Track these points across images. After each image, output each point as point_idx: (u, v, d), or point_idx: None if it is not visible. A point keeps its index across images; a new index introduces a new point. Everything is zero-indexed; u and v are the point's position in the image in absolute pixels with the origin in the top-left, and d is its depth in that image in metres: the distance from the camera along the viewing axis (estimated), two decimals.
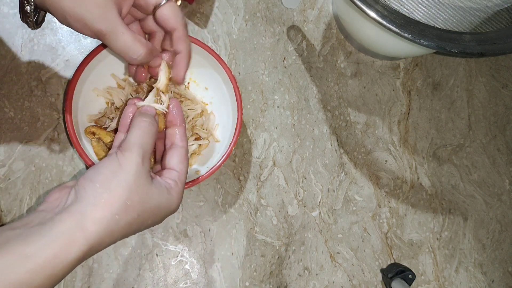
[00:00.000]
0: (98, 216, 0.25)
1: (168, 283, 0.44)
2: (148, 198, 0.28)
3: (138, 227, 0.28)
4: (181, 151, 0.33)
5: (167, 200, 0.29)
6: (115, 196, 0.26)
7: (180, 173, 0.31)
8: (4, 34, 0.46)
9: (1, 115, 0.44)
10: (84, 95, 0.41)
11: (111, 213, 0.26)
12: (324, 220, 0.48)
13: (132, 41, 0.30)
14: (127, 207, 0.26)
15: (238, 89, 0.42)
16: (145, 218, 0.28)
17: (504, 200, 0.54)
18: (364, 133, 0.52)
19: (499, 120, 0.56)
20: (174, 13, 0.32)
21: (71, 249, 0.24)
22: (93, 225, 0.25)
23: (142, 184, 0.27)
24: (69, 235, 0.24)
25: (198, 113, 0.45)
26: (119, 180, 0.27)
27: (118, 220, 0.26)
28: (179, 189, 0.31)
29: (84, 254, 0.25)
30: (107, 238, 0.26)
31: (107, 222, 0.25)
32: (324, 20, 0.55)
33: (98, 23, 0.29)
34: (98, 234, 0.25)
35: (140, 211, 0.27)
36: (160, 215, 0.29)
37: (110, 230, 0.26)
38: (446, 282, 0.50)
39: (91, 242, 0.25)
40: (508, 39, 0.38)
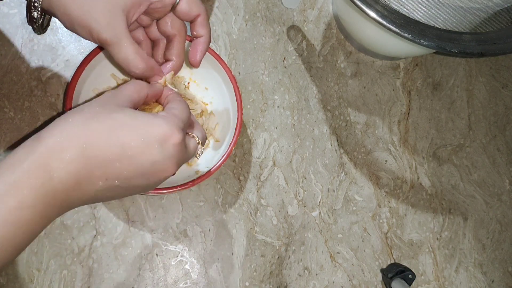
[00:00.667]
0: (52, 125, 0.24)
1: (168, 283, 0.44)
2: (116, 111, 0.26)
3: (108, 135, 0.25)
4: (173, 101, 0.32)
5: (146, 116, 0.26)
6: (73, 111, 0.26)
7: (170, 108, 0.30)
8: (4, 34, 0.46)
9: (1, 115, 0.44)
10: (84, 95, 0.41)
11: (65, 120, 0.25)
12: (324, 220, 0.48)
13: (134, 55, 0.31)
14: (83, 114, 0.25)
15: (238, 89, 0.42)
16: (113, 127, 0.25)
17: (504, 200, 0.54)
18: (364, 133, 0.52)
19: (499, 120, 0.56)
20: (194, 2, 0.32)
21: (27, 152, 0.23)
22: (45, 131, 0.24)
23: (109, 105, 0.26)
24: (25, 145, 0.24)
25: (198, 113, 0.45)
26: (81, 107, 0.26)
27: (73, 122, 0.24)
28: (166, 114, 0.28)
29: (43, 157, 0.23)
30: (66, 141, 0.24)
31: (61, 126, 0.24)
32: (324, 20, 0.55)
33: (104, 32, 0.29)
34: (52, 136, 0.24)
35: (102, 118, 0.25)
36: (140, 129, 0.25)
37: (66, 132, 0.24)
38: (446, 282, 0.50)
39: (45, 143, 0.23)
40: (508, 39, 0.38)
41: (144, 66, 0.32)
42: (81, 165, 0.24)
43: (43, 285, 0.41)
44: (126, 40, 0.30)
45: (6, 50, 0.46)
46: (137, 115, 0.26)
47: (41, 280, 0.42)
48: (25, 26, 0.46)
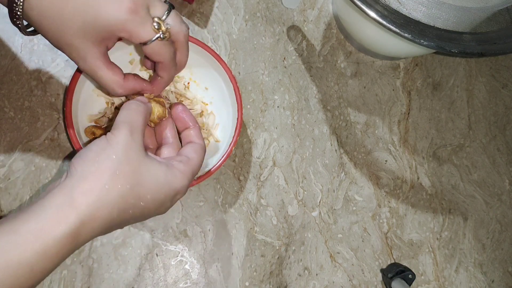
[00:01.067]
0: (87, 187, 0.25)
1: (168, 283, 0.44)
2: (142, 170, 0.27)
3: (136, 201, 0.27)
4: (196, 145, 0.33)
5: (166, 175, 0.28)
6: (103, 168, 0.26)
7: (190, 159, 0.31)
8: (4, 34, 0.46)
9: (1, 115, 0.44)
10: (84, 95, 0.41)
11: (100, 183, 0.25)
12: (324, 220, 0.48)
13: (110, 82, 0.32)
14: (117, 177, 0.26)
15: (238, 89, 0.42)
16: (141, 192, 0.27)
17: (504, 200, 0.54)
18: (364, 133, 0.52)
19: (499, 120, 0.56)
20: (160, 49, 0.31)
21: (60, 223, 0.23)
22: (81, 196, 0.24)
23: (133, 155, 0.27)
24: (58, 208, 0.24)
25: (198, 113, 0.45)
26: (107, 153, 0.26)
27: (108, 190, 0.25)
28: (184, 169, 0.30)
29: (76, 228, 0.24)
30: (100, 211, 0.25)
31: (97, 193, 0.25)
32: (324, 20, 0.55)
33: (77, 62, 0.30)
34: (88, 205, 0.24)
35: (133, 183, 0.26)
36: (161, 191, 0.28)
37: (101, 202, 0.25)
38: (446, 282, 0.50)
39: (82, 214, 0.24)
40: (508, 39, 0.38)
41: (122, 92, 0.33)
42: (105, 228, 0.26)
43: (43, 285, 0.41)
44: (100, 70, 0.31)
45: (6, 50, 0.46)
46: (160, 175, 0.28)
47: None
48: None
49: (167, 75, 0.35)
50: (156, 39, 0.30)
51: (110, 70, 0.31)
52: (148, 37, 0.30)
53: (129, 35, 0.29)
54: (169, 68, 0.34)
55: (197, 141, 0.34)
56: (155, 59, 0.32)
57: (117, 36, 0.30)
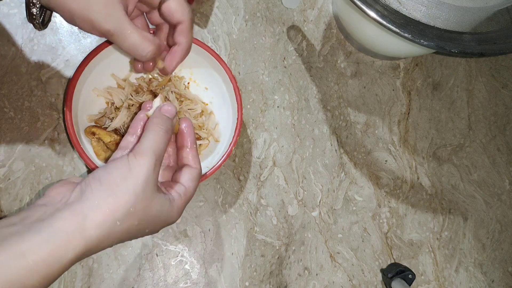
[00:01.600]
0: (100, 220, 0.25)
1: (168, 283, 0.44)
2: (151, 207, 0.27)
3: (135, 234, 0.28)
4: (194, 172, 0.32)
5: (168, 211, 0.29)
6: (120, 202, 0.25)
7: (187, 189, 0.31)
8: (4, 34, 0.46)
9: (1, 115, 0.44)
10: (84, 95, 0.41)
11: (114, 218, 0.25)
12: (324, 220, 0.48)
13: (141, 40, 0.31)
14: (129, 214, 0.26)
15: (238, 89, 0.42)
16: (144, 226, 0.28)
17: (504, 200, 0.54)
18: (364, 133, 0.52)
19: (499, 120, 0.56)
20: (181, 6, 0.32)
21: (68, 249, 0.24)
22: (93, 228, 0.24)
23: (148, 192, 0.27)
24: (68, 235, 0.24)
25: (198, 113, 0.45)
26: (127, 185, 0.26)
27: (119, 226, 0.26)
28: (181, 203, 0.30)
29: (80, 255, 0.24)
30: (105, 242, 0.25)
31: (108, 227, 0.25)
32: (324, 20, 0.55)
33: (105, 23, 0.29)
34: (97, 237, 0.25)
35: (141, 219, 0.27)
36: (158, 225, 0.29)
37: (109, 235, 0.25)
38: (446, 282, 0.50)
39: (89, 244, 0.24)
40: (508, 39, 0.38)
41: (154, 48, 0.31)
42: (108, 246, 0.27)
43: None
44: (129, 27, 0.30)
45: (6, 50, 0.46)
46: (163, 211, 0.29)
47: None
48: (25, 26, 0.46)
49: (186, 40, 0.34)
50: None
51: (138, 28, 0.31)
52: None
53: None
54: (188, 31, 0.33)
55: (194, 166, 0.33)
56: (175, 18, 0.32)
57: None
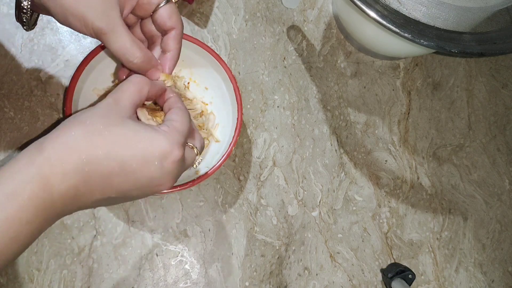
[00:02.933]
0: (54, 135, 0.25)
1: (168, 283, 0.44)
2: (118, 124, 0.26)
3: (108, 150, 0.25)
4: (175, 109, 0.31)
5: (148, 132, 0.26)
6: (75, 121, 0.25)
7: (172, 120, 0.29)
8: (4, 34, 0.46)
9: (1, 115, 0.44)
10: (84, 95, 0.41)
11: (67, 131, 0.25)
12: (324, 220, 0.48)
13: (131, 44, 0.30)
14: (85, 126, 0.25)
15: (238, 89, 0.42)
16: (115, 142, 0.25)
17: (504, 200, 0.54)
18: (364, 133, 0.52)
19: (499, 120, 0.56)
20: (174, 13, 0.33)
21: (27, 163, 0.23)
22: (47, 141, 0.24)
23: (112, 115, 0.26)
24: (26, 154, 0.24)
25: (198, 113, 0.45)
26: (85, 111, 0.26)
27: (75, 136, 0.25)
28: (168, 129, 0.28)
29: (44, 169, 0.23)
30: (67, 155, 0.24)
31: (63, 139, 0.24)
32: (324, 20, 0.55)
33: (99, 21, 0.29)
34: (53, 148, 0.24)
35: (104, 132, 0.25)
36: (140, 146, 0.26)
37: (68, 145, 0.24)
38: (446, 282, 0.50)
39: (47, 155, 0.24)
40: (508, 39, 0.38)
41: (142, 55, 0.31)
42: (80, 179, 0.24)
43: (43, 285, 0.41)
44: (122, 29, 0.30)
45: (6, 50, 0.46)
46: (139, 130, 0.26)
47: (41, 280, 0.42)
48: None
49: (178, 47, 0.34)
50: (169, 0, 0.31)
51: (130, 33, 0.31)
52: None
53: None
54: (179, 37, 0.34)
55: (174, 106, 0.32)
56: (168, 25, 0.33)
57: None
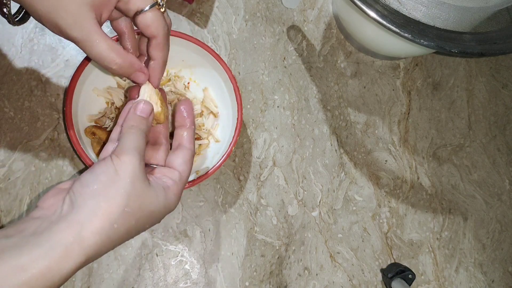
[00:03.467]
0: (97, 227, 0.24)
1: (168, 283, 0.44)
2: (146, 203, 0.27)
3: (136, 232, 0.28)
4: (187, 153, 0.32)
5: (164, 201, 0.29)
6: (113, 205, 0.25)
7: (182, 174, 0.31)
8: (4, 34, 0.46)
9: (1, 115, 0.44)
10: (84, 95, 0.41)
11: (110, 222, 0.25)
12: (324, 220, 0.48)
13: (108, 51, 0.29)
14: (125, 215, 0.26)
15: (238, 89, 0.42)
16: (143, 223, 0.27)
17: (504, 200, 0.54)
18: (364, 133, 0.52)
19: (499, 120, 0.56)
20: (156, 21, 0.30)
21: (67, 261, 0.23)
22: (91, 236, 0.24)
23: (140, 189, 0.27)
24: (66, 246, 0.23)
25: (198, 113, 0.45)
26: (117, 187, 0.26)
27: (117, 229, 0.25)
28: (178, 189, 0.30)
29: (81, 265, 0.24)
30: (105, 248, 0.25)
31: (106, 232, 0.25)
32: (324, 20, 0.55)
33: (72, 30, 0.28)
34: (96, 244, 0.24)
35: (138, 217, 0.27)
36: (158, 217, 0.29)
37: (109, 240, 0.25)
38: (446, 282, 0.50)
39: (89, 253, 0.24)
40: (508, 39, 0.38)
41: (121, 61, 0.30)
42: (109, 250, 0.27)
43: None
44: (97, 37, 0.29)
45: (6, 50, 0.46)
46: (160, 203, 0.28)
47: None
48: (25, 26, 0.46)
49: (161, 56, 0.33)
50: (153, 5, 0.29)
51: (107, 38, 0.30)
52: (145, 3, 0.29)
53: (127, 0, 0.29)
54: (164, 46, 0.32)
55: (187, 146, 0.33)
56: (149, 32, 0.31)
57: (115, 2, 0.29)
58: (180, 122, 0.34)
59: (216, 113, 0.46)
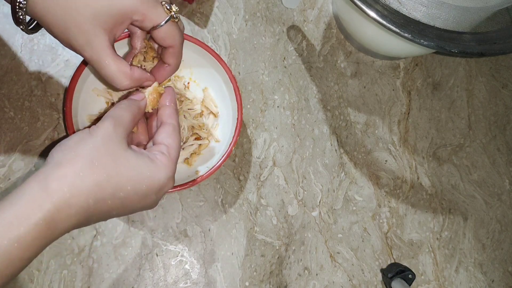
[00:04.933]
0: (61, 174, 0.25)
1: (168, 283, 0.44)
2: (121, 161, 0.27)
3: (114, 191, 0.27)
4: (169, 127, 0.32)
5: (149, 167, 0.28)
6: (79, 156, 0.26)
7: (168, 146, 0.31)
8: (4, 34, 0.46)
9: (1, 115, 0.44)
10: (84, 95, 0.41)
11: (74, 171, 0.25)
12: (324, 220, 0.48)
13: (117, 74, 0.31)
14: (92, 165, 0.26)
15: (238, 89, 0.42)
16: (120, 183, 0.27)
17: (504, 200, 0.54)
18: (364, 133, 0.52)
19: (499, 120, 0.56)
20: (172, 32, 0.32)
21: (34, 209, 0.23)
22: (54, 182, 0.24)
23: (112, 146, 0.27)
24: (32, 195, 0.24)
25: (198, 113, 0.45)
26: (86, 142, 0.26)
27: (83, 177, 0.25)
28: (166, 160, 0.30)
29: (51, 214, 0.24)
30: (75, 198, 0.25)
31: (71, 180, 0.25)
32: (324, 20, 0.55)
33: (84, 50, 0.29)
34: (62, 192, 0.24)
35: (110, 173, 0.26)
36: (143, 183, 0.28)
37: (76, 188, 0.25)
38: (446, 282, 0.50)
39: (55, 200, 0.24)
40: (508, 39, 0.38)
41: (129, 83, 0.32)
42: (83, 217, 0.26)
43: (43, 285, 0.41)
44: (107, 58, 0.30)
45: (6, 50, 0.46)
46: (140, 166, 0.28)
47: (41, 280, 0.42)
48: None
49: (175, 62, 0.34)
50: (169, 19, 0.31)
51: (117, 59, 0.31)
52: (161, 19, 0.30)
53: (142, 18, 0.30)
54: (178, 54, 0.34)
55: (168, 121, 0.33)
56: (166, 43, 0.32)
57: (130, 20, 0.30)
58: (160, 103, 0.35)
59: (216, 113, 0.46)
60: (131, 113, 0.30)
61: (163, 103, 0.34)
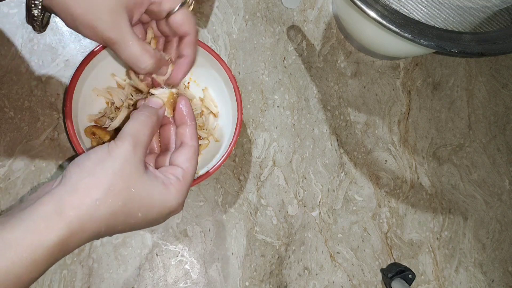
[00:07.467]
0: (77, 199, 0.24)
1: (168, 283, 0.44)
2: (137, 187, 0.26)
3: (126, 218, 0.26)
4: (190, 150, 0.32)
5: (161, 194, 0.28)
6: (97, 181, 0.25)
7: (185, 171, 0.30)
8: (4, 34, 0.46)
9: (1, 115, 0.44)
10: (84, 95, 0.41)
11: (91, 198, 0.25)
12: (324, 220, 0.48)
13: (141, 52, 0.30)
14: (109, 193, 0.25)
15: (238, 89, 0.42)
16: (132, 209, 0.26)
17: (504, 200, 0.54)
18: (364, 133, 0.52)
19: (499, 120, 0.56)
20: (188, 19, 0.32)
21: (49, 233, 0.23)
22: (71, 208, 0.24)
23: (129, 171, 0.26)
24: (47, 218, 0.23)
25: (198, 113, 0.45)
26: (104, 165, 0.26)
27: (99, 206, 0.25)
28: (180, 187, 0.29)
29: (65, 238, 0.24)
30: (88, 225, 0.25)
31: (87, 207, 0.24)
32: (324, 20, 0.55)
33: (108, 31, 0.29)
34: (78, 217, 0.24)
35: (125, 200, 0.26)
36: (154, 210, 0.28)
37: (91, 216, 0.25)
38: (446, 282, 0.50)
39: (72, 226, 0.24)
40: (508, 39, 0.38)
41: (153, 62, 0.31)
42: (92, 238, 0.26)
43: (43, 285, 0.41)
44: (131, 38, 0.30)
45: (6, 50, 0.46)
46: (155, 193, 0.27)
47: (41, 280, 0.42)
48: (25, 26, 0.46)
49: (192, 52, 0.34)
50: (184, 3, 0.31)
51: (140, 39, 0.31)
52: (176, 3, 0.31)
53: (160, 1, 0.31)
54: (195, 43, 0.34)
55: (190, 143, 0.32)
56: (183, 30, 0.32)
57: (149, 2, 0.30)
58: (180, 120, 0.34)
59: (216, 113, 0.46)
60: (150, 127, 0.29)
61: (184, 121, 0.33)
